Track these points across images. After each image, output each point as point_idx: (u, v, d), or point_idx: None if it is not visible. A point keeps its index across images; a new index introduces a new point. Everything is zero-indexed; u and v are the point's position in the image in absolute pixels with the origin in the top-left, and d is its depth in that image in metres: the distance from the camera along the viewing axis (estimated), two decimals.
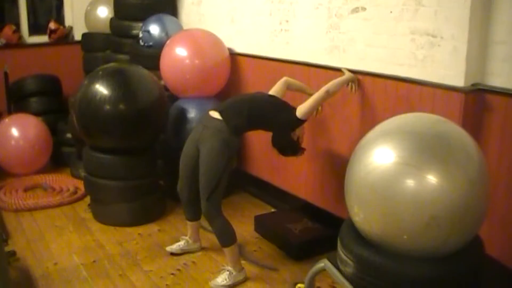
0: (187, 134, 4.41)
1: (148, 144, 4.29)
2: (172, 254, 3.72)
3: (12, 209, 4.55)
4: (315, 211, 3.97)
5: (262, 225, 3.97)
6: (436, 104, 2.94)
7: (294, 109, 3.30)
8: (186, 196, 3.51)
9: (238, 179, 4.78)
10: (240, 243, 3.78)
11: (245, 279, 3.38)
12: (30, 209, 4.56)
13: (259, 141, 4.54)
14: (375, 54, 3.33)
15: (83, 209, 4.54)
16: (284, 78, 3.59)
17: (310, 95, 3.55)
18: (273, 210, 4.47)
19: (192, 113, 4.51)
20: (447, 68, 2.89)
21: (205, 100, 4.60)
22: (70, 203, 4.68)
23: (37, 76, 6.12)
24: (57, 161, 5.66)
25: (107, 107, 3.95)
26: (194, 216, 3.64)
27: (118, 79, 4.05)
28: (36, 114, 5.82)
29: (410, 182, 2.05)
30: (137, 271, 3.55)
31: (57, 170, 5.51)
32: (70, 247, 3.90)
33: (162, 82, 4.73)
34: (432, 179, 2.03)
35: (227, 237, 3.28)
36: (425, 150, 2.08)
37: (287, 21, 4.06)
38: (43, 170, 5.43)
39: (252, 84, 4.59)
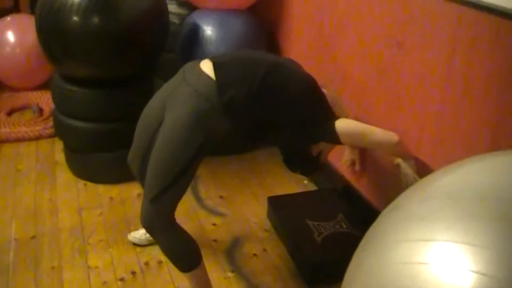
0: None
1: (135, 74, 3.04)
2: (135, 244, 2.57)
3: None
4: (358, 204, 2.63)
5: (276, 213, 2.68)
6: None
7: (335, 118, 2.00)
8: (138, 172, 2.26)
9: None
10: (239, 237, 2.58)
11: None
12: (1, 141, 3.56)
13: None
14: None
15: (62, 146, 3.45)
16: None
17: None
18: (305, 181, 3.15)
19: (208, 31, 3.22)
20: None
21: (230, 15, 3.26)
22: (51, 136, 3.62)
23: None
24: None
25: (75, 18, 2.70)
26: None
27: None
28: None
29: None
30: (77, 264, 2.45)
31: None
32: (16, 208, 2.86)
33: None
34: None
35: (182, 259, 2.03)
36: None
37: None
38: (45, 85, 4.39)
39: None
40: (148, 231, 1.99)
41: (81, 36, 2.73)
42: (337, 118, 2.01)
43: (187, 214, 2.80)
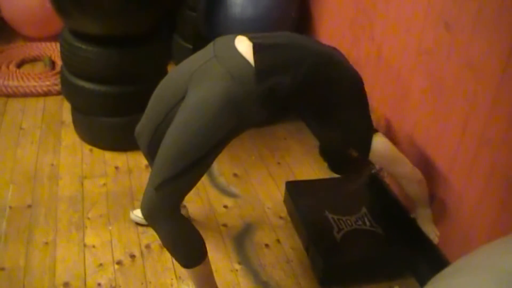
0: (222, 24, 2.90)
1: (151, 32, 2.78)
2: (138, 224, 2.36)
3: None
4: (385, 197, 2.38)
5: (294, 200, 2.43)
6: None
7: (375, 130, 1.88)
8: (145, 146, 2.02)
9: None
10: (252, 224, 2.36)
11: None
12: (7, 95, 3.36)
13: None
14: None
15: (70, 106, 3.22)
16: None
17: None
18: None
19: None
20: None
21: None
22: (60, 93, 3.39)
23: None
24: None
25: None
26: None
27: None
28: None
29: None
30: (73, 241, 2.27)
31: None
32: (15, 172, 2.67)
33: None
34: None
35: (183, 255, 1.78)
36: None
37: None
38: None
39: None
40: (146, 219, 1.76)
41: None
42: (376, 131, 1.87)
43: (197, 192, 2.58)
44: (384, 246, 2.15)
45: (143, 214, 1.74)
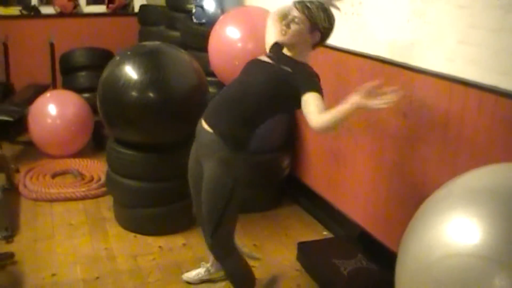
0: None
1: (181, 140, 3.59)
2: (189, 283, 3.04)
3: (32, 197, 4.05)
4: (373, 245, 3.16)
5: (305, 255, 3.21)
6: None
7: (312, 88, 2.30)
8: (201, 219, 2.79)
9: (289, 187, 4.09)
10: (276, 276, 3.07)
11: None
12: (51, 200, 4.05)
13: (315, 146, 3.78)
14: (470, 55, 2.44)
15: (107, 205, 3.94)
16: None
17: None
18: (325, 232, 3.68)
19: None
20: None
21: None
22: (95, 197, 4.12)
23: (88, 49, 5.68)
24: (99, 143, 5.11)
25: (133, 93, 3.29)
26: None
27: (149, 62, 3.37)
28: (85, 90, 5.42)
29: None
30: None
31: (96, 154, 4.97)
32: (77, 255, 3.32)
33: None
34: None
35: (241, 281, 2.59)
36: None
37: (360, 3, 3.22)
38: (81, 153, 4.94)
39: None
40: (216, 259, 2.54)
41: (137, 107, 3.31)
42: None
43: None
44: (379, 275, 2.90)
45: (212, 254, 2.50)
